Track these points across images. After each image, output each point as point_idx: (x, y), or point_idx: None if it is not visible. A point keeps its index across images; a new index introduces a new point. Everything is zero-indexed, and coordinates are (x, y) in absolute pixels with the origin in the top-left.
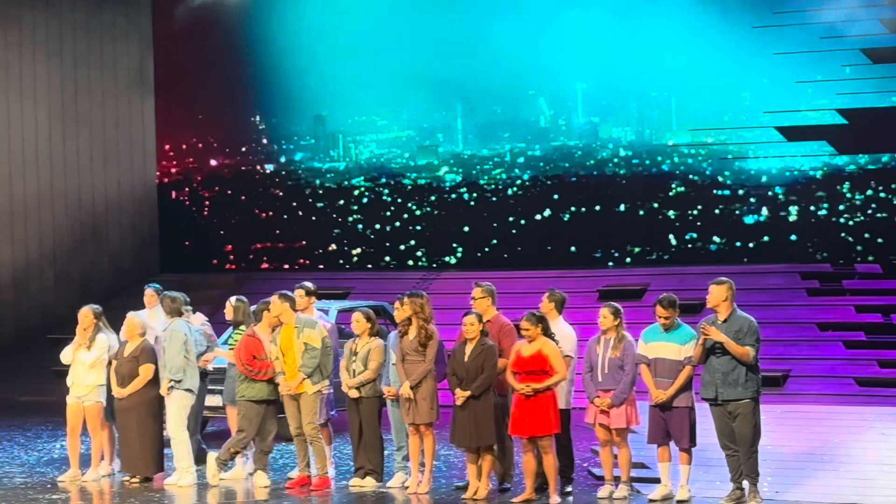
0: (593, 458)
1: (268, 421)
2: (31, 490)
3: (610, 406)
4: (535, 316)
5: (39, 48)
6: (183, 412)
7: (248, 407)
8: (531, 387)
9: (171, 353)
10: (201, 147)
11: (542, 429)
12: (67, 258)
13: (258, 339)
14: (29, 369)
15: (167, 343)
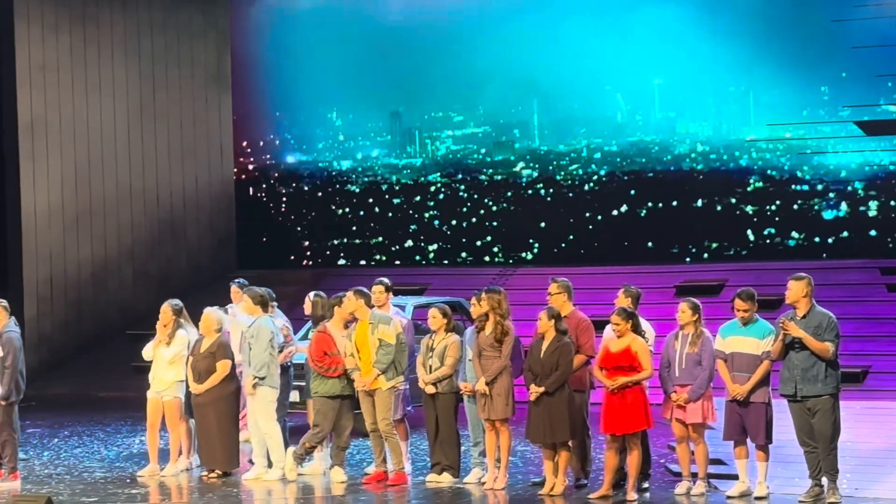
0: (670, 455)
1: (343, 416)
2: (111, 484)
3: (687, 401)
4: (626, 311)
5: (118, 46)
6: (270, 407)
7: (321, 403)
8: (618, 381)
9: (256, 351)
10: (278, 144)
11: (634, 425)
12: (146, 255)
13: (329, 336)
14: (108, 365)
15: (252, 340)
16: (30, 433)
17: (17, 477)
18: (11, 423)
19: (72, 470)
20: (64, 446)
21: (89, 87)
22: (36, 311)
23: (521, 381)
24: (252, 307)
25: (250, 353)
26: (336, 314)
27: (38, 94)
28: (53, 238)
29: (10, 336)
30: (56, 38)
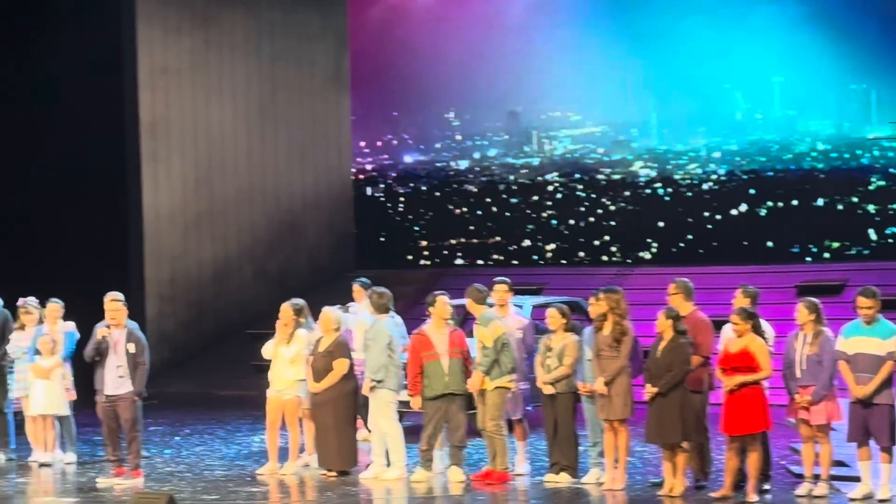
0: (791, 456)
1: (454, 416)
2: (231, 483)
3: (810, 403)
4: (747, 311)
5: (238, 48)
6: (388, 408)
7: (425, 404)
8: (735, 380)
9: (374, 353)
10: (396, 144)
11: (753, 426)
12: (266, 255)
13: (426, 337)
14: (228, 364)
15: (371, 342)
16: (151, 431)
17: (139, 474)
18: (138, 421)
19: (192, 468)
20: (185, 444)
21: (210, 89)
22: (158, 311)
23: (640, 381)
24: (374, 307)
25: (369, 354)
26: (433, 315)
27: (160, 95)
28: (175, 238)
29: (139, 333)
30: (178, 41)
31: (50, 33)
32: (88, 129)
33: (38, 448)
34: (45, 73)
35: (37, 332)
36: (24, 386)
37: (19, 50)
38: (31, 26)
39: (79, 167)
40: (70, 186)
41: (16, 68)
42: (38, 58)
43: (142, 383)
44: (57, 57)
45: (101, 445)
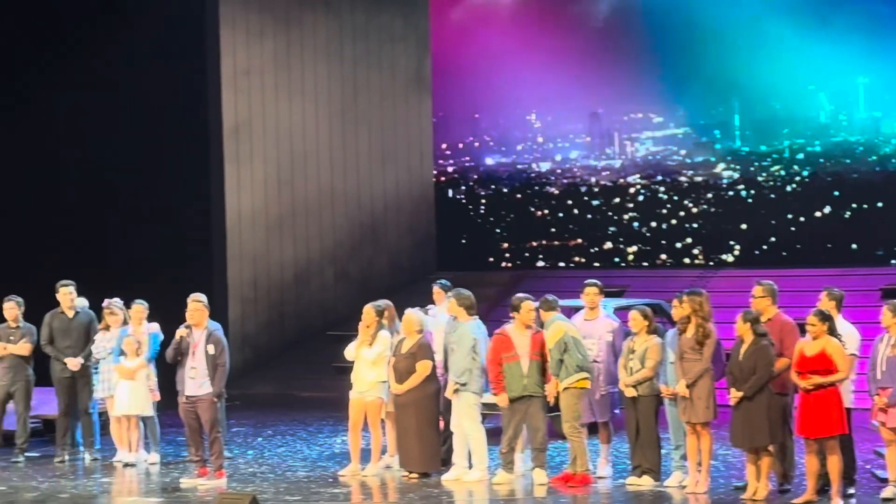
0: (876, 460)
1: (534, 418)
2: (314, 484)
3: (887, 405)
4: (823, 313)
5: (320, 50)
6: (472, 410)
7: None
8: (812, 381)
9: (458, 356)
10: (477, 146)
11: (829, 429)
12: (347, 257)
13: (508, 337)
14: (310, 365)
15: (455, 345)
16: (234, 432)
17: (222, 475)
18: (220, 421)
19: (275, 469)
20: (267, 445)
21: (292, 91)
22: (240, 313)
23: (723, 384)
24: (457, 309)
25: (452, 357)
26: (516, 319)
27: (243, 98)
28: (257, 240)
29: (219, 334)
30: (260, 43)
31: (134, 36)
32: (172, 131)
33: (122, 448)
34: (129, 77)
35: (121, 333)
36: (109, 386)
37: (104, 53)
38: (115, 30)
39: (163, 169)
40: (154, 189)
41: (100, 71)
42: (123, 61)
43: (221, 384)
44: (141, 60)
45: (184, 446)
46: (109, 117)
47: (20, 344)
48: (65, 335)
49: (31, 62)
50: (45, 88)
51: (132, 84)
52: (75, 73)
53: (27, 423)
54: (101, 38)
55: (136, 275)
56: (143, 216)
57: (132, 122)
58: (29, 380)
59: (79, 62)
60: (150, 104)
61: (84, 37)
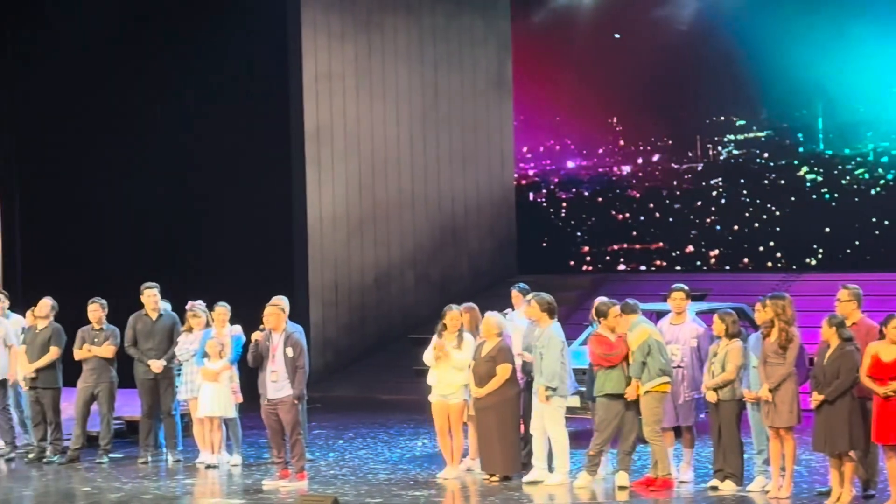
0: None
1: (628, 421)
2: (395, 486)
3: None
4: None
5: (401, 54)
6: (559, 412)
7: (604, 406)
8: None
9: (548, 360)
10: (558, 149)
11: None
12: (427, 260)
13: (604, 336)
14: (390, 368)
15: (544, 349)
16: (315, 434)
17: (303, 477)
18: (300, 424)
19: (356, 471)
20: (348, 448)
21: (373, 94)
22: (321, 316)
23: (806, 388)
24: (539, 313)
25: (542, 362)
26: (603, 324)
27: (324, 101)
28: (338, 243)
29: (298, 337)
30: (341, 47)
31: (218, 41)
32: (254, 135)
33: (204, 450)
34: (211, 80)
35: (204, 335)
36: (192, 388)
37: (187, 57)
38: (198, 34)
39: (245, 173)
40: (237, 192)
41: (183, 75)
42: (206, 65)
43: (301, 387)
44: (223, 64)
45: (266, 448)
46: (193, 120)
47: (104, 346)
48: (148, 337)
49: (119, 68)
50: (131, 93)
51: (216, 88)
52: (161, 77)
53: (111, 425)
54: (186, 43)
55: (219, 277)
56: (226, 219)
57: (215, 125)
58: (112, 381)
59: (164, 67)
60: (233, 108)
61: (169, 43)
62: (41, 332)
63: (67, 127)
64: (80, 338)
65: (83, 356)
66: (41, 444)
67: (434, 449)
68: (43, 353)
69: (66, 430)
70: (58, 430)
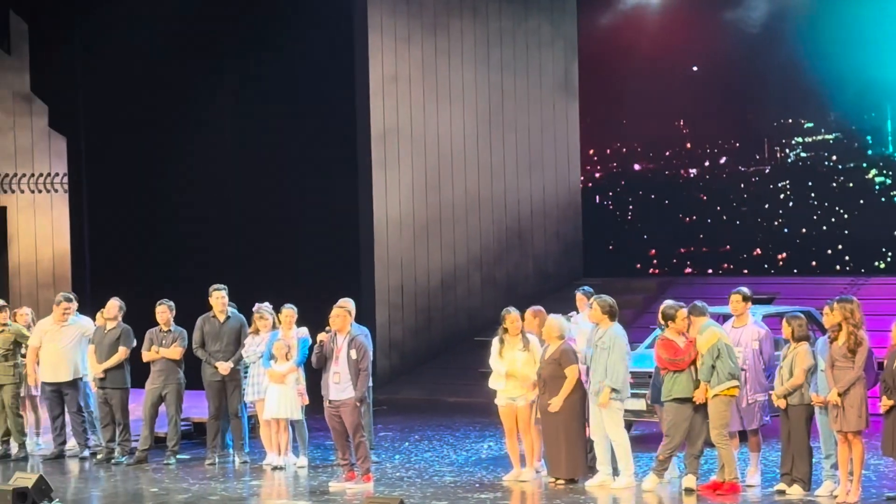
0: None
1: (697, 424)
2: (460, 489)
3: None
4: None
5: (467, 56)
6: (618, 414)
7: (673, 410)
8: None
9: (614, 359)
10: (625, 152)
11: None
12: (493, 262)
13: (671, 340)
14: (456, 370)
15: (609, 349)
16: (381, 436)
17: (369, 479)
18: (364, 426)
19: (422, 473)
20: (414, 450)
21: (439, 97)
22: (387, 318)
23: (875, 392)
24: (600, 315)
25: (607, 361)
26: (670, 326)
27: (390, 104)
28: (404, 245)
29: (362, 340)
30: (408, 49)
31: (285, 44)
32: (321, 137)
33: (271, 451)
34: (279, 83)
35: (271, 337)
36: (259, 390)
37: (255, 60)
38: (266, 37)
39: (311, 175)
40: (303, 194)
41: (252, 78)
42: (274, 68)
43: (363, 389)
44: (292, 67)
45: (332, 450)
46: (261, 123)
47: (172, 348)
48: (216, 339)
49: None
50: (200, 95)
51: (283, 90)
52: (229, 80)
53: (178, 426)
54: (254, 46)
55: (286, 279)
56: (293, 221)
57: (283, 127)
58: (180, 383)
59: (233, 70)
60: (301, 111)
61: (238, 46)
62: (110, 332)
63: (136, 129)
64: (148, 339)
65: (151, 358)
66: (109, 445)
67: (500, 451)
68: (112, 354)
69: (134, 431)
70: (126, 430)
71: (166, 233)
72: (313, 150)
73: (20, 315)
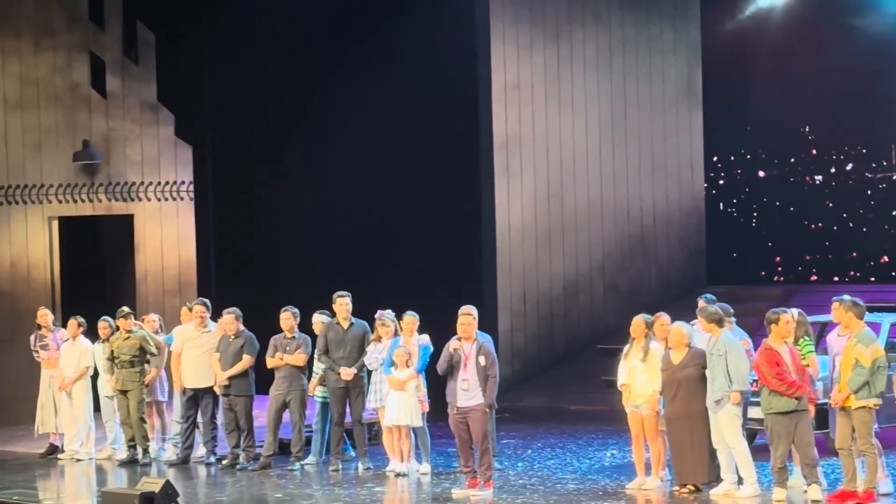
0: None
1: (802, 435)
2: (584, 496)
3: None
4: None
5: (589, 63)
6: (736, 421)
7: (774, 422)
8: None
9: (735, 362)
10: (749, 158)
11: None
12: (616, 269)
13: (775, 352)
14: (579, 378)
15: (724, 355)
16: (504, 444)
17: (490, 486)
18: (489, 433)
19: (545, 481)
20: (537, 457)
21: (562, 104)
22: (510, 325)
23: None
24: (707, 326)
25: (727, 366)
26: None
27: (513, 111)
28: (526, 253)
29: (489, 346)
30: (530, 57)
31: (407, 52)
32: (443, 145)
33: (394, 458)
34: (401, 91)
35: (393, 343)
36: (380, 397)
37: (378, 67)
38: (388, 45)
39: (434, 183)
40: (425, 201)
41: (374, 87)
42: (396, 75)
43: (492, 396)
44: (414, 75)
45: (454, 457)
46: (383, 131)
47: (296, 354)
48: (339, 346)
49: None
50: (323, 103)
51: (406, 98)
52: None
53: (302, 432)
54: (376, 53)
55: (408, 286)
56: (416, 228)
57: (405, 135)
58: (304, 389)
59: (356, 78)
60: (423, 118)
61: (361, 53)
62: (234, 340)
63: (260, 137)
64: (272, 346)
65: (275, 364)
66: (234, 451)
67: (623, 459)
68: (236, 362)
69: (258, 438)
70: (250, 436)
71: (290, 240)
72: (436, 158)
73: (148, 322)
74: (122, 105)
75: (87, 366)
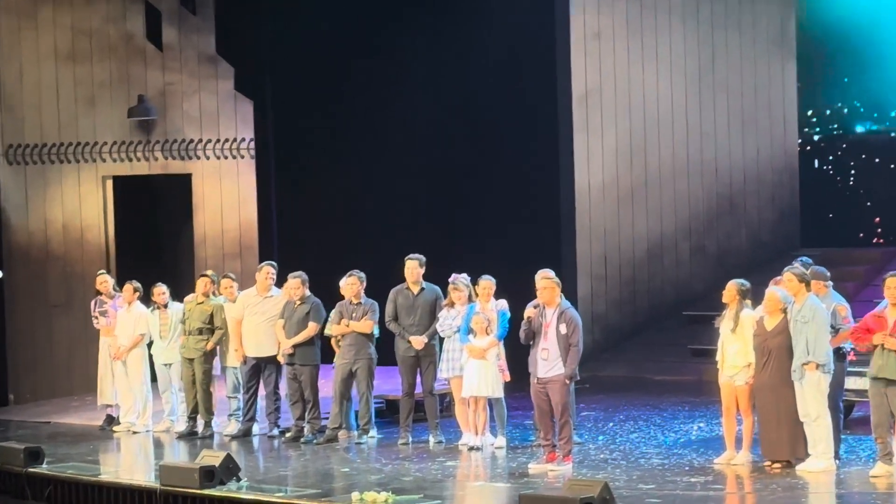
0: None
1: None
2: (669, 472)
3: None
4: None
5: (674, 13)
6: (822, 394)
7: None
8: None
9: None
10: (846, 112)
11: None
12: (703, 230)
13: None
14: (664, 347)
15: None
16: (584, 416)
17: (570, 460)
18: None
19: (627, 455)
20: (619, 431)
21: (645, 56)
22: (589, 290)
23: None
24: (797, 286)
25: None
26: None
27: (593, 63)
28: (607, 213)
29: (572, 313)
30: (611, 5)
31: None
32: (520, 99)
33: (467, 431)
34: (476, 42)
35: (468, 310)
36: (454, 367)
37: (451, 19)
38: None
39: (509, 139)
40: (500, 159)
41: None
42: (470, 26)
43: (573, 366)
44: (489, 25)
45: (531, 430)
46: (455, 85)
47: (362, 321)
48: (409, 312)
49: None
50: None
51: (480, 50)
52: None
53: (370, 403)
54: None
55: (483, 249)
56: (490, 188)
57: (478, 89)
58: (371, 358)
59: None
60: (498, 71)
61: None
62: (300, 306)
63: (324, 92)
64: (337, 312)
65: (340, 332)
66: (299, 423)
67: (711, 433)
68: (301, 329)
69: (323, 409)
70: (315, 408)
71: (356, 201)
72: (511, 113)
73: (225, 287)
74: (179, 57)
75: (142, 333)
